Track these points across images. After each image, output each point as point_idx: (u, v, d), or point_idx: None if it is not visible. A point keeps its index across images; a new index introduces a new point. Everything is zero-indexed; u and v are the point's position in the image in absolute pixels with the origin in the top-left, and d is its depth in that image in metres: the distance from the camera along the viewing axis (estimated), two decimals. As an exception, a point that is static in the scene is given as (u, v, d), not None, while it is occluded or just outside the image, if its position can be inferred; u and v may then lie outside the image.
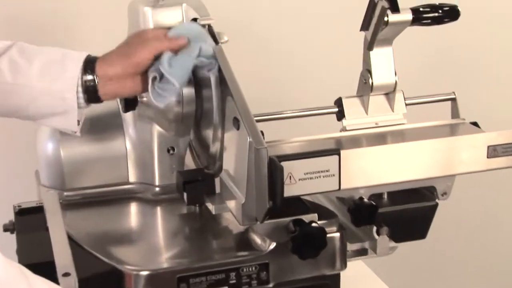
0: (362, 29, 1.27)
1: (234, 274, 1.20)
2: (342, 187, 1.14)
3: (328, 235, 1.19)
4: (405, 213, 1.31)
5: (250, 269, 1.20)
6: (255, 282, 1.21)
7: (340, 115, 1.30)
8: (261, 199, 1.09)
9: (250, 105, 1.14)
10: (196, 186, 1.27)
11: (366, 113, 1.30)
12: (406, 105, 1.32)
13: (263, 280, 1.21)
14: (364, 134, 1.29)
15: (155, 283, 1.18)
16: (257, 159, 1.08)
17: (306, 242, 1.18)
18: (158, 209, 1.39)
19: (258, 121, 1.18)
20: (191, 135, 1.36)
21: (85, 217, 1.36)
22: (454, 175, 1.29)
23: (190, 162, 1.40)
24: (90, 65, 1.20)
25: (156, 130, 1.37)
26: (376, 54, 1.28)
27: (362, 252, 1.31)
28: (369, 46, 1.27)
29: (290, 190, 1.11)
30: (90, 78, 1.19)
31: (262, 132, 1.11)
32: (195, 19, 1.28)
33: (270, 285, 1.22)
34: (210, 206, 1.25)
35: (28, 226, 1.31)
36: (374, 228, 1.28)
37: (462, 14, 1.28)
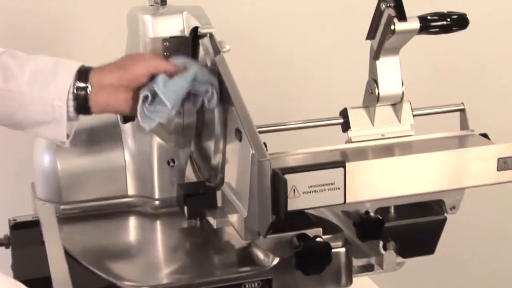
0: (368, 37, 1.27)
1: (236, 290, 1.20)
2: (347, 201, 1.14)
3: (333, 250, 1.19)
4: (412, 227, 1.31)
5: (253, 285, 1.20)
6: (258, 298, 1.21)
7: (345, 126, 1.30)
8: (264, 213, 1.09)
9: (253, 115, 1.14)
10: (197, 199, 1.27)
11: (372, 124, 1.31)
12: (414, 116, 1.32)
13: (266, 296, 1.21)
14: (370, 146, 1.29)
15: (155, 300, 1.18)
16: (260, 172, 1.08)
17: (311, 258, 1.17)
18: (158, 223, 1.39)
19: (261, 132, 1.18)
20: (192, 147, 1.36)
21: (82, 231, 1.36)
22: (463, 189, 1.29)
23: (191, 175, 1.40)
24: (83, 74, 1.20)
25: (156, 141, 1.37)
26: (382, 63, 1.28)
27: (368, 267, 1.31)
28: (375, 55, 1.27)
29: (294, 204, 1.11)
30: (82, 85, 1.20)
31: (265, 143, 1.11)
32: (196, 28, 1.28)
33: (273, 301, 1.22)
34: (212, 220, 1.25)
35: (23, 241, 1.31)
36: (381, 243, 1.28)
37: (471, 23, 1.29)
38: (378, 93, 1.29)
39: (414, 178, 1.22)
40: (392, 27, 1.23)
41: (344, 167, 1.12)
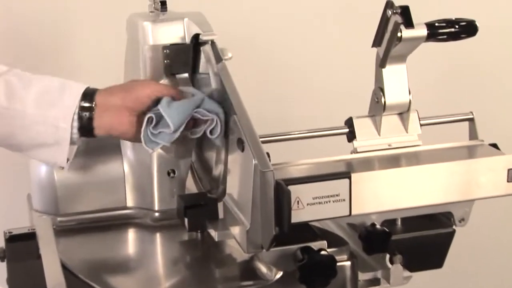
0: (374, 45, 1.27)
1: (238, 305, 1.20)
2: (353, 213, 1.14)
3: (338, 264, 1.19)
4: (420, 240, 1.31)
5: (255, 299, 1.20)
6: (261, 313, 1.21)
7: (351, 136, 1.30)
8: (267, 225, 1.09)
9: (255, 125, 1.14)
10: (198, 211, 1.27)
11: (379, 134, 1.31)
12: (421, 125, 1.32)
13: (269, 311, 1.21)
14: (376, 156, 1.29)
15: (154, 315, 1.18)
16: (262, 183, 1.08)
17: (315, 271, 1.17)
18: (158, 235, 1.39)
19: (264, 142, 1.18)
20: (193, 157, 1.36)
21: (80, 244, 1.36)
22: (472, 200, 1.29)
23: (191, 186, 1.40)
24: (88, 94, 1.22)
25: (155, 151, 1.37)
26: (389, 71, 1.29)
27: (374, 282, 1.30)
28: (381, 63, 1.27)
29: (297, 216, 1.11)
30: (87, 105, 1.21)
31: (268, 154, 1.12)
32: (198, 35, 1.29)
33: (277, 316, 1.22)
34: (213, 233, 1.25)
35: (19, 254, 1.31)
36: (387, 256, 1.28)
37: (480, 29, 1.29)
38: (385, 102, 1.29)
39: (421, 189, 1.22)
40: (398, 34, 1.23)
41: (349, 178, 1.12)
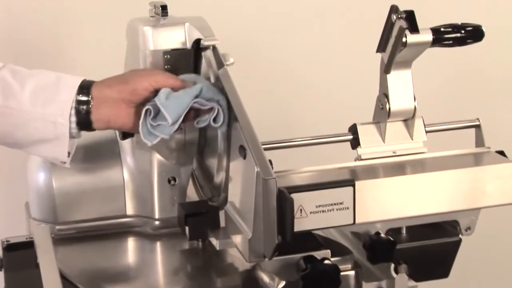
0: (378, 50, 1.27)
1: (240, 315, 1.20)
2: (357, 221, 1.14)
3: (342, 273, 1.19)
4: (425, 249, 1.31)
5: (258, 310, 1.20)
6: (263, 324, 1.21)
7: (355, 143, 1.30)
8: (269, 234, 1.09)
9: (258, 132, 1.14)
10: (199, 219, 1.27)
11: (383, 141, 1.31)
12: (427, 132, 1.32)
13: (272, 322, 1.21)
14: (381, 164, 1.29)
15: (154, 325, 1.18)
16: (265, 191, 1.08)
17: (318, 281, 1.17)
18: (158, 244, 1.39)
19: (266, 149, 1.18)
20: (194, 165, 1.37)
21: (78, 253, 1.36)
22: (479, 209, 1.29)
23: (192, 194, 1.40)
24: (85, 88, 1.21)
25: (156, 159, 1.37)
26: (393, 77, 1.29)
27: (379, 291, 1.31)
28: (386, 68, 1.27)
29: (300, 224, 1.11)
30: (84, 99, 1.21)
31: (270, 161, 1.12)
32: (199, 40, 1.29)
33: (279, 327, 1.22)
34: (214, 242, 1.25)
35: (17, 263, 1.31)
36: (392, 265, 1.28)
37: (486, 34, 1.29)
38: (389, 108, 1.29)
39: (427, 197, 1.22)
40: (403, 40, 1.23)
41: (353, 186, 1.12)
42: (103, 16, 1.83)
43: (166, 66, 1.31)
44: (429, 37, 1.25)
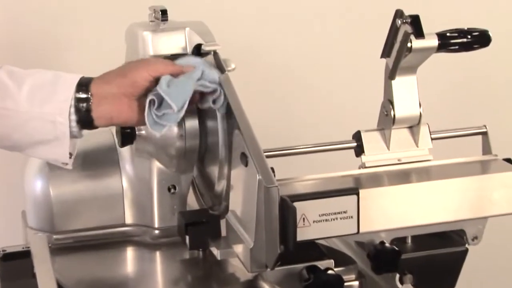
0: (383, 56, 1.28)
1: (241, 326, 1.20)
2: (361, 230, 1.14)
3: (345, 284, 1.19)
4: (431, 259, 1.31)
5: (259, 321, 1.21)
6: (265, 335, 1.21)
7: (359, 150, 1.31)
8: (271, 244, 1.09)
9: (259, 139, 1.14)
10: (199, 228, 1.28)
11: (388, 148, 1.31)
12: (432, 139, 1.32)
13: (274, 333, 1.21)
14: (385, 172, 1.29)
15: (154, 337, 1.18)
16: (267, 199, 1.08)
17: (322, 292, 1.18)
18: (157, 254, 1.39)
19: (268, 156, 1.18)
20: (194, 172, 1.37)
21: (76, 262, 1.36)
22: (486, 218, 1.29)
23: (193, 202, 1.40)
24: (84, 85, 1.21)
25: (155, 166, 1.37)
26: (398, 83, 1.29)
27: (383, 302, 1.31)
28: (390, 74, 1.28)
29: (303, 234, 1.11)
30: (83, 96, 1.20)
31: (272, 169, 1.12)
32: (200, 45, 1.29)
33: (282, 339, 1.22)
34: (215, 251, 1.25)
35: (13, 273, 1.31)
36: (397, 276, 1.28)
37: (493, 39, 1.29)
38: (394, 115, 1.29)
39: (432, 206, 1.22)
40: (408, 45, 1.23)
41: (357, 195, 1.13)
42: (103, 18, 1.84)
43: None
44: (434, 42, 1.26)
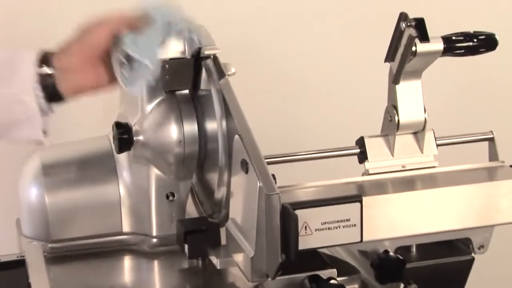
0: (387, 60, 1.28)
1: (241, 338, 1.20)
2: (364, 239, 1.14)
3: (349, 294, 1.19)
4: (436, 268, 1.31)
5: (260, 332, 1.20)
6: None
7: (362, 157, 1.31)
8: (272, 252, 1.09)
9: (260, 145, 1.14)
10: (198, 237, 1.27)
11: (392, 154, 1.31)
12: (437, 145, 1.32)
13: None
14: (389, 179, 1.29)
15: None
16: (268, 207, 1.08)
17: (324, 302, 1.18)
18: (156, 263, 1.39)
19: (269, 163, 1.18)
20: (194, 179, 1.37)
21: (72, 272, 1.36)
22: (493, 226, 1.29)
23: (192, 210, 1.40)
24: (45, 59, 1.21)
25: (153, 173, 1.37)
26: (402, 88, 1.29)
27: (387, 313, 1.31)
28: (394, 79, 1.27)
29: (305, 242, 1.11)
30: (47, 72, 1.20)
31: (273, 175, 1.12)
32: (199, 49, 1.29)
33: None
34: (215, 260, 1.25)
35: (7, 282, 1.31)
36: (402, 285, 1.28)
37: (500, 43, 1.29)
38: (398, 120, 1.29)
39: (438, 214, 1.22)
40: (413, 49, 1.23)
41: (360, 202, 1.12)
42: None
43: (165, 76, 1.31)
44: (440, 46, 1.26)
